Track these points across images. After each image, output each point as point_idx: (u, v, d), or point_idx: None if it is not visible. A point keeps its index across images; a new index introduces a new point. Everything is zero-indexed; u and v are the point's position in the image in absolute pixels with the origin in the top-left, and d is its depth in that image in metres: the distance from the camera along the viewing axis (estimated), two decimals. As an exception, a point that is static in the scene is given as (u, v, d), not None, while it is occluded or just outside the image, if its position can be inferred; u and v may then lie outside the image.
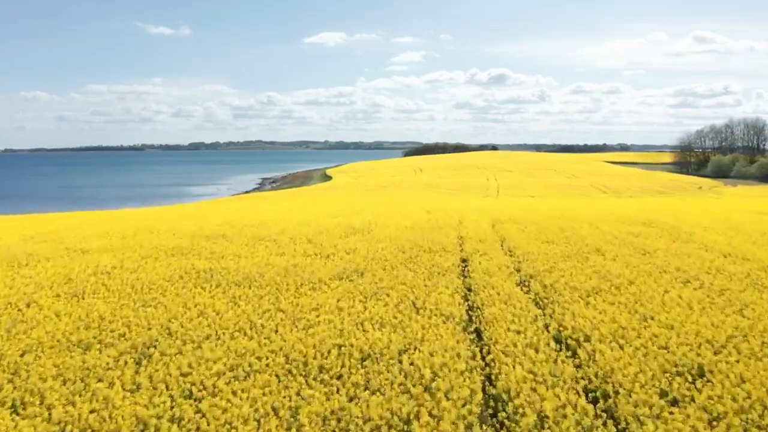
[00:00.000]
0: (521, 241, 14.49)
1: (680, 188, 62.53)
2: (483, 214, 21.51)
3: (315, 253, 12.73)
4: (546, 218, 19.67)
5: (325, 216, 20.24)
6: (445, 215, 20.27)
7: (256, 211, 22.30)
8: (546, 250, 12.98)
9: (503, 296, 8.94)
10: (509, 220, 18.81)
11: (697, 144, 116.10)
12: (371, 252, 12.55)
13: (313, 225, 17.31)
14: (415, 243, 13.67)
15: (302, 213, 21.18)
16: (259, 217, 19.29)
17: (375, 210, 22.48)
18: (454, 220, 18.84)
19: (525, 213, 21.29)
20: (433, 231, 15.95)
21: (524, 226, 17.34)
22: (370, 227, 16.85)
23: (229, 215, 20.72)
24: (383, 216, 19.87)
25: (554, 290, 9.42)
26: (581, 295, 9.01)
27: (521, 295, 9.12)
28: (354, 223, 17.69)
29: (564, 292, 9.17)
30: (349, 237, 15.13)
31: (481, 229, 16.51)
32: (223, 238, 14.77)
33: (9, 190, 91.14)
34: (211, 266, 11.14)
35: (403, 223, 17.58)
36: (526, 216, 20.11)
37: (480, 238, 14.91)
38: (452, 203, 28.07)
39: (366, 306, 8.40)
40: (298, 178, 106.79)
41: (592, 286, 9.53)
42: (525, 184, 62.36)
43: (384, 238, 14.48)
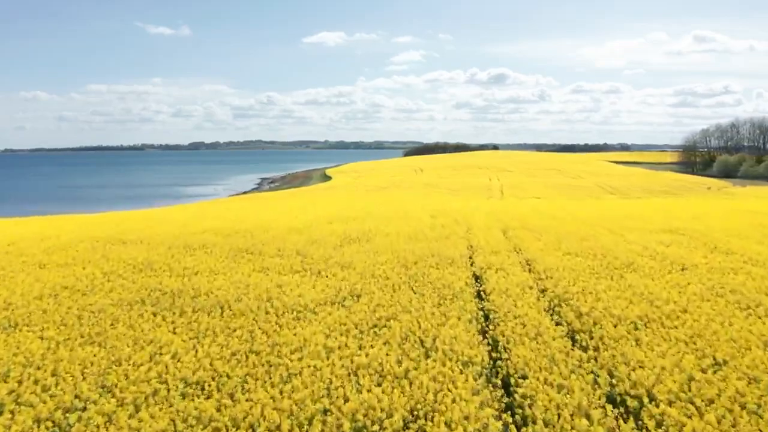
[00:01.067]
0: (539, 252, 12.80)
1: (688, 189, 60.80)
2: (492, 219, 19.83)
3: (304, 268, 11.03)
4: (561, 224, 17.98)
5: (319, 221, 18.56)
6: (452, 220, 18.58)
7: (245, 216, 20.65)
8: (570, 265, 11.28)
9: (531, 329, 7.25)
10: (522, 227, 17.11)
11: (702, 143, 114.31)
12: (370, 267, 10.86)
13: (305, 233, 15.62)
14: (420, 255, 11.98)
15: (295, 217, 19.50)
16: (247, 223, 17.60)
17: (374, 214, 20.80)
18: (462, 227, 17.15)
19: (537, 218, 19.60)
20: (440, 240, 14.26)
21: (539, 234, 15.65)
22: (369, 235, 15.16)
23: (216, 220, 19.04)
24: (383, 222, 18.19)
25: (592, 320, 7.72)
26: (628, 329, 7.30)
27: (553, 329, 7.42)
28: (351, 230, 16.00)
29: (605, 324, 7.47)
30: (345, 247, 13.44)
31: (492, 238, 14.82)
32: (203, 250, 13.08)
33: (6, 191, 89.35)
34: (180, 286, 9.45)
35: (406, 230, 15.90)
36: (539, 222, 18.42)
37: (492, 249, 13.23)
38: (457, 206, 26.38)
39: (362, 344, 6.72)
40: (298, 178, 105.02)
41: (638, 315, 7.83)
42: (529, 185, 60.60)
43: (384, 249, 12.79)
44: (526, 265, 11.68)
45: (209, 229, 16.33)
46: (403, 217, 19.53)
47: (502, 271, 10.85)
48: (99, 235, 15.81)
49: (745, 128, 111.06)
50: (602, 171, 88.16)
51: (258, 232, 15.72)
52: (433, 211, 22.93)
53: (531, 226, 17.22)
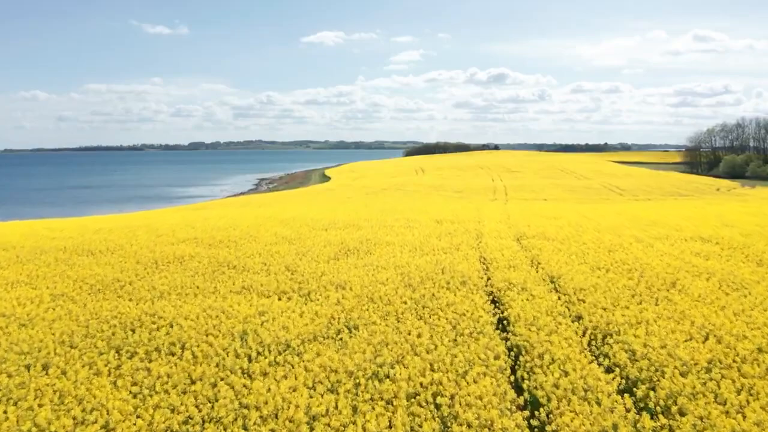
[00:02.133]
0: (563, 266, 11.14)
1: (698, 190, 59.09)
2: (503, 225, 18.17)
3: (292, 288, 9.38)
4: (580, 231, 16.32)
5: (314, 228, 16.91)
6: (460, 227, 16.92)
7: (234, 222, 19.00)
8: (603, 283, 9.63)
9: (577, 381, 5.60)
10: (538, 236, 15.45)
11: (707, 143, 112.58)
12: (369, 288, 9.21)
13: (297, 242, 13.97)
14: (428, 271, 10.32)
15: (287, 224, 17.85)
16: (234, 231, 15.95)
17: (374, 220, 19.14)
18: (471, 235, 15.49)
19: (553, 225, 17.94)
20: (449, 252, 12.60)
21: (559, 244, 14.01)
22: (368, 245, 13.51)
23: (201, 227, 17.38)
24: (384, 229, 16.54)
25: (651, 365, 6.08)
26: (702, 380, 5.64)
27: (604, 379, 5.76)
28: (348, 239, 14.36)
29: (670, 371, 5.83)
30: (341, 260, 11.79)
31: (507, 249, 13.17)
32: (178, 264, 11.43)
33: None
34: (140, 314, 7.81)
35: (410, 240, 14.25)
36: (555, 229, 16.76)
37: (509, 262, 11.58)
38: (463, 210, 24.71)
39: (356, 405, 5.08)
40: (296, 178, 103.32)
41: (708, 358, 6.18)
42: (534, 186, 58.89)
43: (386, 264, 11.14)
44: (551, 284, 10.04)
45: (191, 238, 14.68)
46: (405, 224, 17.88)
47: (525, 291, 9.20)
48: (66, 245, 14.17)
49: (751, 127, 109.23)
50: (607, 171, 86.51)
51: (244, 242, 14.07)
52: (438, 215, 21.27)
53: (548, 234, 15.57)
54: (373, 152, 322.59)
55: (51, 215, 52.57)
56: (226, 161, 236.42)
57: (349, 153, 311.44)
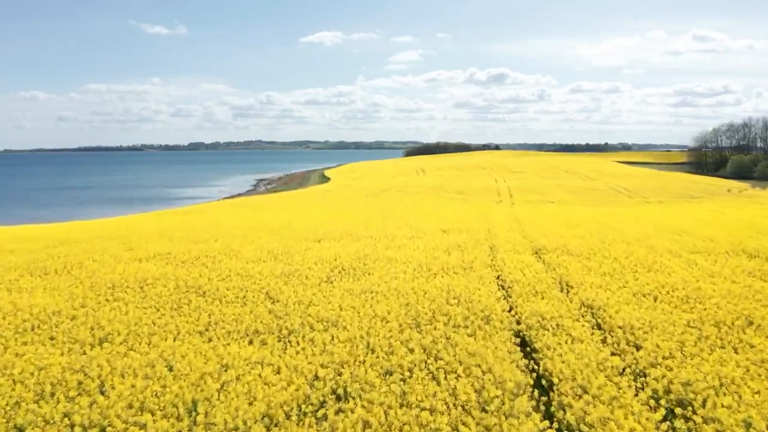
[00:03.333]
0: (600, 292, 9.26)
1: (708, 191, 57.16)
2: (517, 235, 16.29)
3: (270, 327, 7.50)
4: (606, 243, 14.43)
5: (306, 239, 15.04)
6: (470, 239, 15.02)
7: (218, 231, 17.14)
8: (657, 319, 7.74)
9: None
10: (560, 249, 13.57)
11: (714, 143, 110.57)
12: (365, 327, 7.34)
13: (284, 259, 12.08)
14: (439, 303, 8.44)
15: (276, 234, 15.97)
16: (214, 243, 14.06)
17: (374, 229, 17.28)
18: (484, 249, 13.61)
19: (573, 235, 16.03)
20: (461, 272, 10.73)
21: (587, 260, 12.13)
22: (366, 262, 11.64)
23: (179, 236, 15.51)
24: (385, 241, 14.65)
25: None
26: None
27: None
28: (343, 254, 12.48)
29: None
30: (334, 284, 9.92)
31: (528, 268, 11.28)
32: (137, 289, 9.53)
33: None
34: (61, 373, 5.94)
35: (414, 256, 12.37)
36: (578, 241, 14.87)
37: (533, 286, 9.70)
38: (470, 216, 22.83)
39: None
40: (295, 179, 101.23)
41: None
42: (539, 187, 56.91)
43: (387, 290, 9.25)
44: (591, 318, 8.14)
45: (163, 253, 12.79)
46: (408, 234, 16.00)
47: (561, 331, 7.33)
48: (19, 261, 12.32)
49: (758, 127, 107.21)
50: (612, 171, 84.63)
51: (223, 258, 12.19)
52: (444, 223, 19.40)
53: (570, 247, 13.68)
54: (373, 152, 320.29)
55: (46, 217, 50.76)
56: (226, 161, 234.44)
57: (349, 153, 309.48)
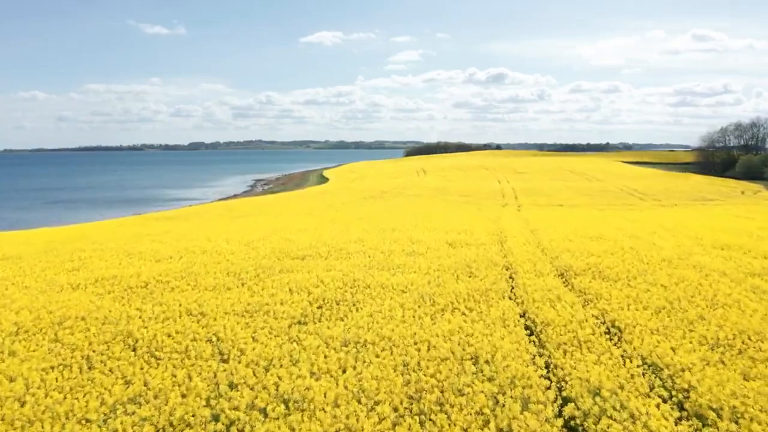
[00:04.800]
0: (660, 340, 6.95)
1: (722, 193, 54.74)
2: (534, 249, 13.92)
3: (203, 417, 5.16)
4: (644, 262, 12.06)
5: (286, 256, 12.68)
6: (481, 254, 12.63)
7: (190, 243, 14.79)
8: (746, 386, 5.42)
9: None
10: (590, 270, 11.21)
11: (721, 142, 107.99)
12: (342, 416, 5.00)
13: (251, 287, 9.71)
14: (448, 365, 6.10)
15: (253, 249, 13.60)
16: (172, 264, 11.69)
17: (369, 242, 14.92)
18: (499, 271, 11.25)
19: (601, 250, 13.64)
20: (475, 311, 8.38)
21: (628, 287, 9.78)
22: (355, 294, 9.29)
23: (139, 252, 13.17)
24: (380, 259, 12.27)
25: None
26: None
27: None
28: (328, 279, 10.10)
29: None
30: (308, 328, 7.57)
31: (558, 301, 8.93)
32: (44, 335, 7.20)
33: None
34: None
35: (415, 281, 10.01)
36: (608, 258, 12.48)
37: (573, 332, 7.37)
38: (478, 224, 20.43)
39: None
40: (293, 179, 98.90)
41: None
42: (546, 189, 54.47)
43: (378, 341, 6.90)
44: (664, 390, 5.80)
45: (107, 277, 10.43)
46: (408, 249, 13.63)
47: (629, 420, 4.99)
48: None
49: (767, 126, 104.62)
50: (620, 172, 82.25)
51: (177, 284, 9.84)
52: (449, 233, 17.04)
53: (603, 268, 11.32)
54: (373, 152, 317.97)
55: (31, 220, 48.63)
56: (226, 161, 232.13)
57: (349, 153, 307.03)
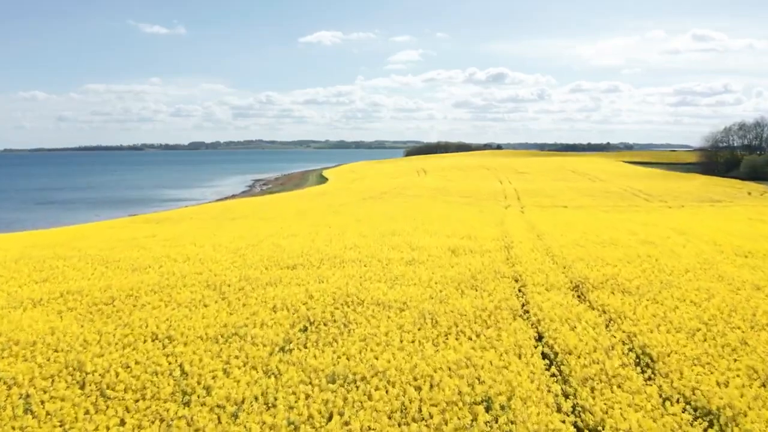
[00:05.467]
0: (701, 373, 5.91)
1: (728, 194, 53.65)
2: (544, 257, 12.84)
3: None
4: (665, 273, 11.00)
5: (275, 265, 11.61)
6: (487, 263, 11.57)
7: (171, 251, 13.74)
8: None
9: None
10: (609, 283, 10.15)
11: (725, 142, 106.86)
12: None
13: (233, 301, 8.65)
14: (455, 411, 5.05)
15: (240, 257, 12.50)
16: (146, 276, 10.62)
17: (365, 249, 13.85)
18: (507, 284, 10.18)
19: (616, 257, 12.57)
20: (482, 335, 7.32)
21: (654, 304, 8.73)
22: (346, 312, 8.24)
23: (115, 259, 12.12)
24: (376, 269, 11.19)
25: None
26: None
27: None
28: (318, 294, 9.04)
29: None
30: (291, 357, 6.52)
31: (577, 320, 7.88)
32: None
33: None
34: None
35: (415, 299, 8.94)
36: (625, 268, 11.42)
37: (599, 363, 6.32)
38: (481, 228, 19.36)
39: None
40: (292, 179, 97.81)
41: None
42: (548, 190, 53.38)
43: (371, 376, 5.85)
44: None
45: (73, 291, 9.35)
46: (408, 257, 12.55)
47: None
48: None
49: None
50: (623, 172, 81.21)
51: (149, 300, 8.77)
52: (451, 238, 15.98)
53: (621, 280, 10.25)
54: (373, 152, 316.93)
55: (24, 222, 47.58)
56: (226, 161, 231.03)
57: (349, 153, 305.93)
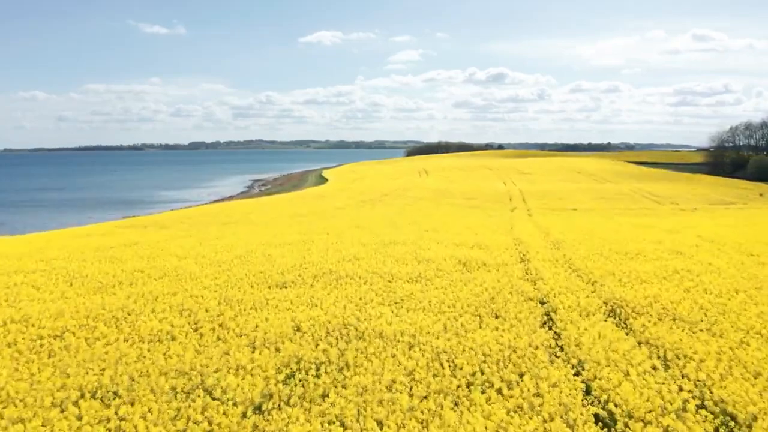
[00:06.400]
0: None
1: (741, 196, 52.07)
2: (567, 271, 11.30)
3: None
4: (713, 294, 9.48)
5: (264, 282, 10.09)
6: (503, 280, 10.04)
7: (146, 264, 12.19)
8: None
9: None
10: (651, 306, 8.61)
11: (731, 142, 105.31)
12: None
13: (207, 332, 7.12)
14: None
15: (223, 271, 10.96)
16: (118, 294, 9.10)
17: (365, 262, 12.31)
18: (532, 310, 8.65)
19: (651, 273, 11.05)
20: (512, 382, 5.79)
21: (714, 337, 7.21)
22: (345, 355, 6.73)
23: (82, 277, 10.57)
24: (378, 289, 9.66)
25: None
26: None
27: None
28: (306, 325, 7.52)
29: None
30: (270, 420, 5.01)
31: (627, 361, 6.35)
32: None
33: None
34: None
35: (425, 330, 7.40)
36: (668, 287, 9.88)
37: (661, 422, 4.80)
38: (491, 235, 17.81)
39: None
40: (291, 180, 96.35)
41: None
42: (555, 192, 51.82)
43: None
44: None
45: (18, 319, 7.84)
46: (414, 272, 11.01)
47: None
48: None
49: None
50: (630, 173, 79.65)
51: (108, 331, 7.23)
52: (460, 248, 14.45)
53: (665, 302, 8.72)
54: (373, 152, 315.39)
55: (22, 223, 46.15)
56: (226, 161, 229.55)
57: (350, 153, 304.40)
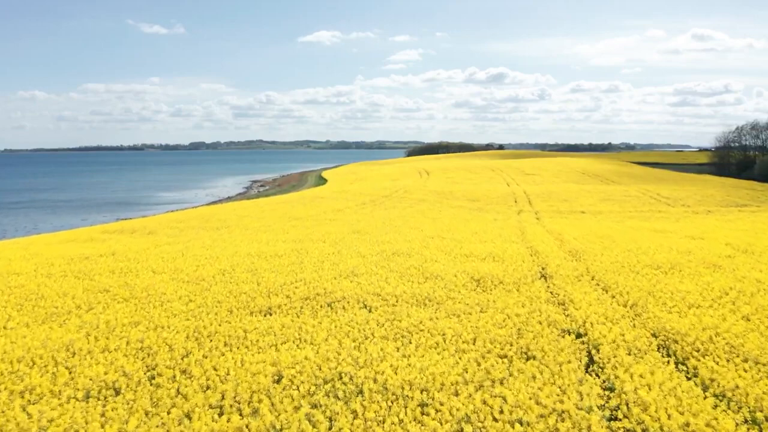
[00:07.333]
0: None
1: (754, 198, 50.40)
2: (598, 291, 9.79)
3: None
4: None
5: (246, 307, 8.60)
6: (526, 303, 8.51)
7: (116, 280, 10.70)
8: None
9: None
10: (712, 343, 7.11)
11: (737, 142, 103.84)
12: None
13: (162, 380, 5.60)
14: None
15: (200, 295, 9.44)
16: (69, 324, 7.56)
17: (364, 277, 10.78)
18: (568, 344, 7.14)
19: (697, 292, 9.51)
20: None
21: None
22: (335, 423, 5.21)
23: (42, 295, 9.06)
24: (381, 321, 8.15)
25: None
26: None
27: None
28: (292, 373, 6.03)
29: None
30: None
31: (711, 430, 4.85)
32: None
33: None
34: None
35: (438, 381, 5.90)
36: (720, 312, 8.38)
37: None
38: (503, 244, 16.28)
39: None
40: (290, 181, 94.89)
41: None
42: (562, 193, 50.22)
43: None
44: None
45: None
46: (420, 292, 9.49)
47: None
48: None
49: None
50: (635, 173, 78.06)
51: (39, 381, 5.75)
52: (470, 259, 12.93)
53: (727, 337, 7.22)
54: (374, 152, 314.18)
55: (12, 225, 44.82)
56: (226, 161, 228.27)
57: (350, 153, 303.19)
